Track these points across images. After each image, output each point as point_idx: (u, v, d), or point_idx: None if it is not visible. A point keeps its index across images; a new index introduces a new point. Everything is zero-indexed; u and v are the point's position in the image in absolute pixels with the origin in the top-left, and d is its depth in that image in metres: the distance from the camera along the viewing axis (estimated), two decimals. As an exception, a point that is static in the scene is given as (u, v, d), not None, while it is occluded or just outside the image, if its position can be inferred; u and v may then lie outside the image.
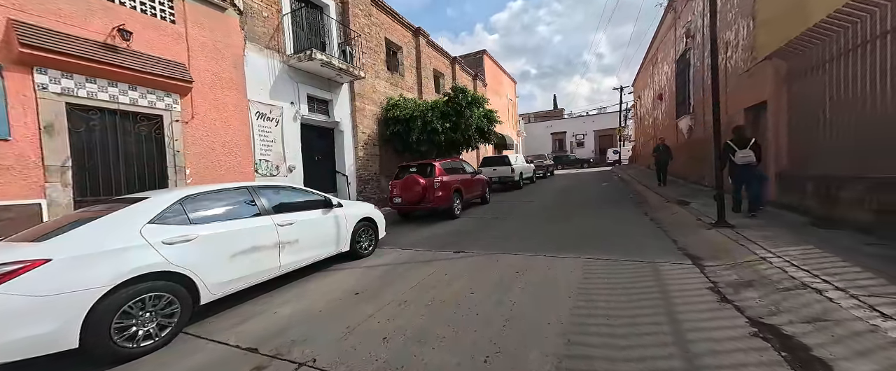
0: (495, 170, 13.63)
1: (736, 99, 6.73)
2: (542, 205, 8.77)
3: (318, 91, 7.90)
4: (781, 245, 3.47)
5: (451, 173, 7.82)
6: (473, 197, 9.03)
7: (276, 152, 6.71)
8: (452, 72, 15.73)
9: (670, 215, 5.86)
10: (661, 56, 14.29)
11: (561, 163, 30.47)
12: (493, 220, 7.15)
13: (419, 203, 7.16)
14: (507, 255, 4.36)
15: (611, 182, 13.93)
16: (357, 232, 4.59)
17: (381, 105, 9.92)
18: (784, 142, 5.25)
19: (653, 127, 16.96)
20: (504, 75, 24.85)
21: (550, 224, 6.19)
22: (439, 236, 5.89)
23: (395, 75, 11.14)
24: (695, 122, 9.75)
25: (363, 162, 9.20)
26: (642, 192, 9.50)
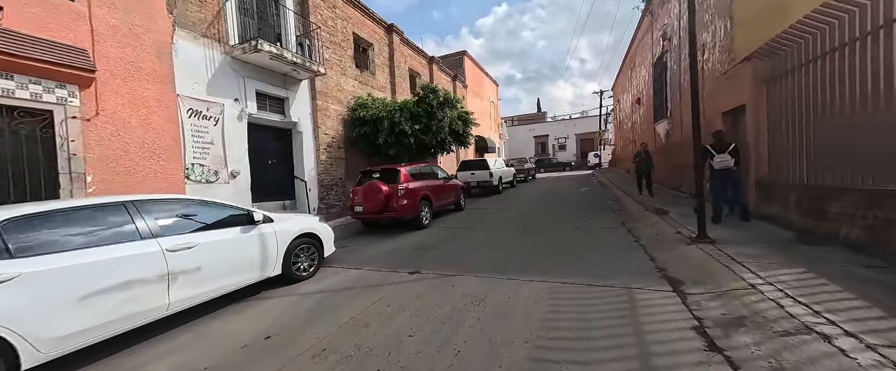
0: (473, 174, 13.12)
1: (713, 102, 6.46)
2: (519, 211, 8.29)
3: (271, 87, 7.10)
4: (769, 267, 3.05)
5: (418, 179, 7.20)
6: (446, 204, 8.44)
7: (214, 155, 5.88)
8: (430, 72, 15.15)
9: (648, 227, 5.46)
10: (638, 60, 14.25)
11: (543, 166, 30.43)
12: (465, 230, 6.58)
13: (381, 212, 6.49)
14: (467, 276, 3.77)
15: (590, 186, 13.70)
16: (292, 251, 3.89)
17: (347, 105, 9.19)
18: (764, 148, 4.95)
19: (632, 131, 16.97)
20: (485, 77, 24.52)
21: (523, 235, 5.68)
22: (400, 251, 5.25)
23: (364, 74, 10.44)
24: (672, 127, 9.57)
25: (326, 166, 8.44)
26: (621, 198, 9.20)
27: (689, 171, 7.62)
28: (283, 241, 3.78)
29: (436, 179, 7.99)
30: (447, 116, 8.79)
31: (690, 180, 8.00)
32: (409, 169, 7.04)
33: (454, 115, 9.80)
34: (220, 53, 6.08)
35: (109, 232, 2.47)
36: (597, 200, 9.40)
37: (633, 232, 5.31)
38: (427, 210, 7.14)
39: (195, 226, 3.01)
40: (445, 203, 8.35)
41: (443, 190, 8.11)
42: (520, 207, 9.08)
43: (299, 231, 3.98)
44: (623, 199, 8.93)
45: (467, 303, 3.05)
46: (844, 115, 3.51)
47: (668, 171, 10.08)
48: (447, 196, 8.37)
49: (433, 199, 7.44)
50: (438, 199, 7.81)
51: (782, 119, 4.53)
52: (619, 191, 10.44)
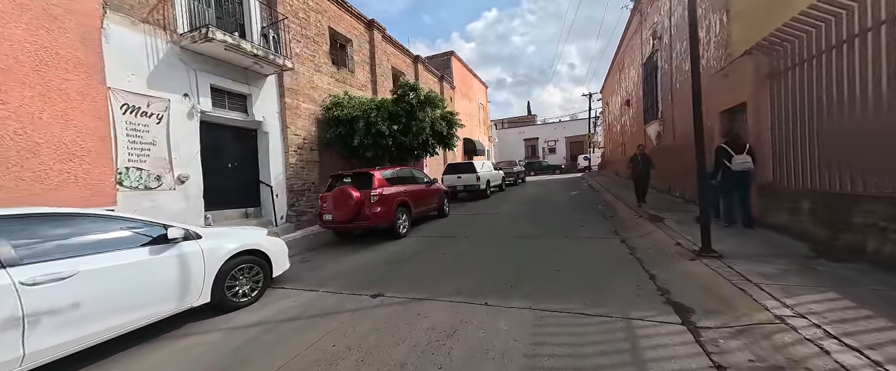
0: (460, 177, 12.57)
1: (710, 101, 6.05)
2: (506, 218, 7.75)
3: (230, 83, 6.39)
4: (794, 291, 2.55)
5: (395, 184, 6.58)
6: (428, 210, 7.84)
7: (156, 158, 5.14)
8: (415, 72, 14.59)
9: (644, 236, 4.97)
10: (627, 61, 14.02)
11: (533, 169, 30.18)
12: (445, 239, 5.98)
13: (352, 221, 5.84)
14: (438, 301, 3.17)
15: (580, 190, 13.31)
16: (228, 274, 3.22)
17: (322, 103, 8.52)
18: (767, 150, 4.53)
19: (621, 133, 16.75)
20: (474, 79, 24.12)
21: (507, 246, 5.12)
22: (368, 266, 4.62)
23: (342, 71, 9.79)
24: (664, 128, 9.22)
25: (296, 169, 7.73)
26: (612, 203, 8.77)
27: (686, 175, 7.23)
28: (214, 262, 3.11)
29: (416, 184, 7.38)
30: (429, 116, 8.20)
31: (684, 184, 7.63)
32: (384, 173, 6.42)
33: (437, 116, 9.23)
34: (165, 42, 5.36)
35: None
36: (587, 205, 8.95)
37: (627, 242, 4.81)
38: (405, 218, 6.52)
39: (77, 248, 2.33)
40: (427, 209, 7.74)
41: (424, 195, 7.51)
42: (507, 213, 8.55)
43: (237, 248, 3.32)
44: (614, 203, 8.49)
45: (431, 341, 2.45)
46: (868, 112, 3.07)
47: (659, 175, 9.71)
48: (429, 202, 7.77)
49: (412, 205, 6.83)
50: (419, 205, 7.20)
51: (789, 117, 4.11)
52: (610, 195, 10.03)
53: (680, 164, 7.53)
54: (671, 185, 8.86)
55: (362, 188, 5.99)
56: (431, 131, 8.96)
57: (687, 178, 7.31)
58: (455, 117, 9.96)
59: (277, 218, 7.10)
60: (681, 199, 7.75)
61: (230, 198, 6.61)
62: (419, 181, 7.64)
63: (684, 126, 7.66)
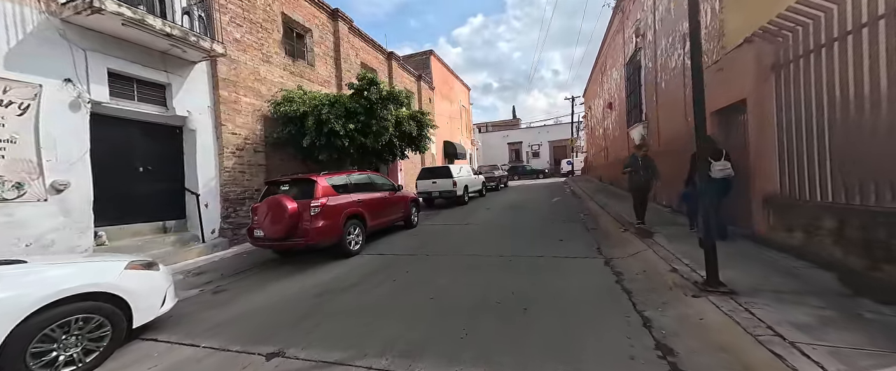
0: (435, 182, 11.66)
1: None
2: (478, 230, 6.87)
3: (139, 68, 5.24)
4: (850, 358, 1.75)
5: (346, 192, 5.58)
6: (391, 221, 6.86)
7: (15, 159, 3.95)
8: (389, 69, 13.63)
9: (632, 257, 4.19)
10: (609, 62, 13.58)
11: (517, 173, 29.72)
12: (404, 258, 5.04)
13: (288, 237, 4.79)
14: (354, 367, 2.22)
15: (563, 196, 12.66)
16: (35, 336, 2.15)
17: (271, 98, 7.41)
18: (773, 154, 3.84)
19: (603, 137, 16.34)
20: (456, 80, 23.38)
21: (473, 270, 4.21)
22: (294, 300, 3.61)
23: (299, 63, 8.71)
24: (648, 132, 8.64)
25: (234, 174, 6.59)
26: (595, 212, 8.06)
27: (673, 183, 6.59)
28: (7, 319, 2.04)
29: (375, 191, 6.39)
30: (392, 115, 7.23)
31: (671, 193, 7.01)
32: (331, 180, 5.40)
33: (404, 115, 8.29)
34: (37, 12, 4.19)
35: None
36: (569, 214, 8.20)
37: (613, 265, 4.00)
38: (358, 232, 5.52)
39: None
40: (389, 220, 6.76)
41: (385, 205, 6.53)
42: (482, 223, 7.68)
43: (55, 295, 2.25)
44: (597, 213, 7.78)
45: None
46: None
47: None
48: (392, 211, 6.79)
49: (369, 217, 5.84)
50: (378, 216, 6.22)
51: (802, 115, 3.42)
52: (593, 202, 9.37)
53: (666, 170, 6.91)
54: (656, 193, 8.25)
55: (302, 198, 4.96)
56: (397, 132, 8.01)
57: (674, 187, 6.67)
58: (426, 117, 9.05)
59: (206, 232, 5.94)
60: (668, 208, 7.11)
61: (141, 209, 5.42)
62: (380, 188, 6.66)
63: (671, 129, 7.04)
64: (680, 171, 5.69)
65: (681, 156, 5.60)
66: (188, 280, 4.55)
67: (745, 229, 4.27)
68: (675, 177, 6.66)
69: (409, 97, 8.04)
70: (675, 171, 6.62)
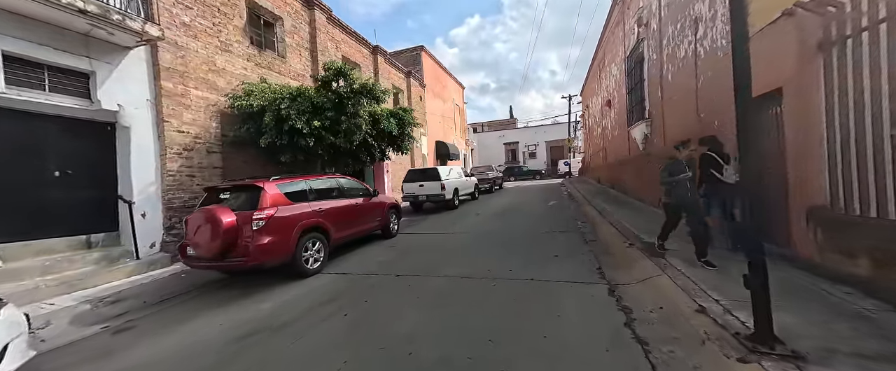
0: (422, 185, 10.85)
1: (723, 92, 4.63)
2: (463, 241, 6.06)
3: (49, 52, 4.37)
4: None
5: (302, 200, 4.73)
6: (364, 231, 6.04)
7: None
8: (374, 64, 12.79)
9: (642, 284, 3.38)
10: (608, 58, 12.83)
11: (513, 174, 28.95)
12: (368, 280, 4.22)
13: (222, 258, 3.94)
14: None
15: (559, 200, 11.88)
16: None
17: (230, 93, 6.55)
18: (819, 156, 3.06)
19: (602, 137, 15.59)
20: (449, 78, 22.57)
21: (445, 300, 3.40)
22: (207, 345, 2.79)
23: (267, 54, 7.85)
24: (652, 130, 7.87)
25: (180, 178, 5.73)
26: (593, 218, 7.27)
27: None
28: None
29: (343, 198, 5.56)
30: (365, 110, 6.37)
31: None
32: (284, 186, 4.55)
33: (383, 112, 7.45)
34: None
35: None
36: (565, 222, 7.40)
37: (619, 295, 3.19)
38: (318, 247, 4.68)
39: None
40: (362, 230, 5.93)
41: (354, 213, 5.70)
42: (468, 232, 6.87)
43: None
44: (596, 220, 6.98)
45: None
46: None
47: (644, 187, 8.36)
48: (363, 221, 5.96)
49: (333, 228, 5.01)
50: (345, 227, 5.39)
51: (863, 106, 2.64)
52: (591, 207, 8.60)
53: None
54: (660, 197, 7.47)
55: (246, 208, 4.11)
56: (375, 131, 7.16)
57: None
58: (409, 115, 8.22)
59: (143, 247, 5.07)
60: None
61: (56, 221, 4.55)
62: (350, 194, 5.83)
63: (679, 127, 6.26)
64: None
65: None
66: (96, 311, 3.70)
67: (779, 248, 3.48)
68: None
69: (389, 93, 7.17)
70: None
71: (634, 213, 7.01)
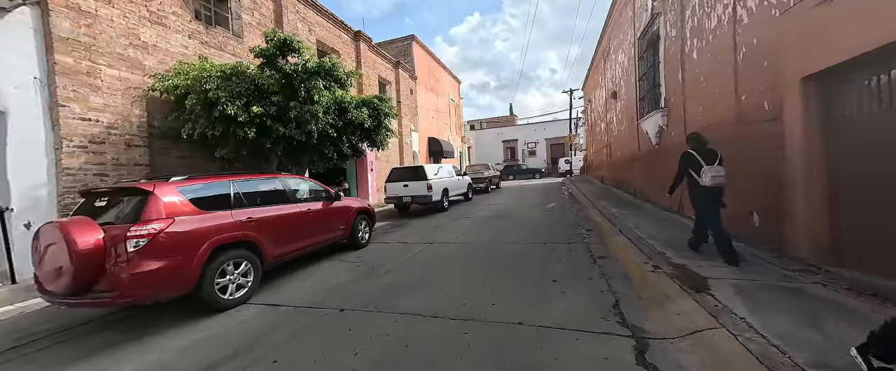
0: (407, 185, 9.72)
1: (779, 60, 3.45)
2: (443, 256, 4.93)
3: None
4: None
5: (221, 206, 3.58)
6: (319, 243, 4.91)
7: None
8: (357, 52, 11.61)
9: (687, 342, 2.23)
10: (614, 44, 11.64)
11: (512, 173, 27.83)
12: (309, 315, 3.12)
13: (87, 289, 2.79)
14: None
15: (559, 201, 10.73)
16: None
17: (162, 74, 5.39)
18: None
19: (605, 133, 14.42)
20: (443, 71, 21.37)
21: (393, 365, 2.25)
22: None
23: (217, 32, 6.70)
24: (670, 121, 6.71)
25: (83, 179, 4.58)
26: (600, 225, 6.12)
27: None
28: None
29: (289, 204, 4.41)
30: (321, 94, 5.19)
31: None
32: (190, 188, 3.39)
33: (354, 100, 6.29)
34: None
35: None
36: (567, 230, 6.25)
37: (654, 358, 2.05)
38: (245, 270, 3.55)
39: None
40: (315, 242, 4.79)
41: (305, 222, 4.56)
42: (451, 243, 5.72)
43: None
44: (603, 227, 5.82)
45: None
46: None
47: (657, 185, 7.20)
48: (318, 231, 4.82)
49: (269, 242, 3.88)
50: (290, 239, 4.26)
51: None
52: (595, 210, 7.46)
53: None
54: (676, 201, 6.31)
55: (127, 221, 2.96)
56: (339, 121, 6.00)
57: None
58: (386, 104, 7.06)
59: (23, 267, 3.92)
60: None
61: None
62: (300, 198, 4.68)
63: (708, 115, 5.11)
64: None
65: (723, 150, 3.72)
66: None
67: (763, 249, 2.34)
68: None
69: (355, 75, 6.01)
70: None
71: (649, 218, 5.86)
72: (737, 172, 4.23)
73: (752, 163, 3.92)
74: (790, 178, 3.25)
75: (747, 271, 3.11)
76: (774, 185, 3.50)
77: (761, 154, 3.75)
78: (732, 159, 4.28)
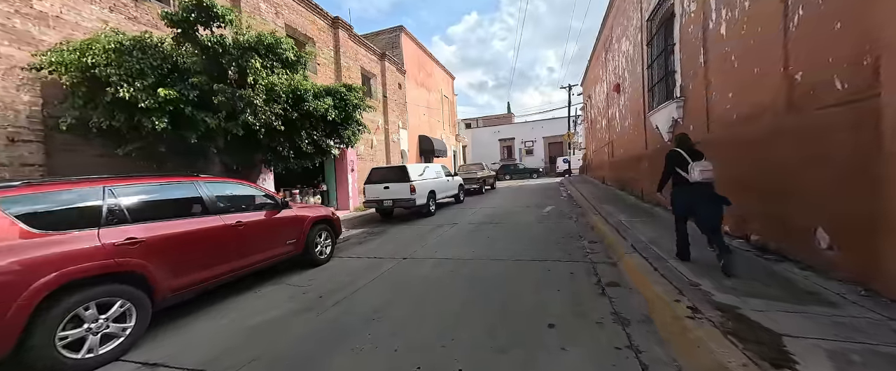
0: (387, 188, 8.72)
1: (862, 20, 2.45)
2: (414, 277, 3.90)
3: None
4: None
5: (85, 224, 2.54)
6: (261, 262, 3.90)
7: None
8: (335, 40, 10.55)
9: None
10: (617, 32, 10.64)
11: (509, 173, 26.86)
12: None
13: None
14: None
15: (557, 204, 9.74)
16: None
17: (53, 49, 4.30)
18: None
19: (607, 130, 13.43)
20: (435, 65, 20.32)
21: None
22: None
23: (148, 6, 5.61)
24: (687, 112, 5.71)
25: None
26: (606, 237, 5.09)
27: (748, 198, 3.74)
28: None
29: (205, 216, 3.39)
30: (259, 76, 4.10)
31: (748, 214, 4.09)
32: (13, 198, 2.35)
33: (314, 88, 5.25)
34: None
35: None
36: (566, 242, 5.24)
37: None
38: (113, 313, 2.53)
39: None
40: (248, 264, 3.77)
41: (230, 239, 3.54)
42: (426, 260, 4.70)
43: None
44: (611, 240, 4.79)
45: None
46: None
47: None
48: (252, 249, 3.80)
49: (167, 275, 2.90)
50: (204, 266, 3.25)
51: None
52: (598, 216, 6.45)
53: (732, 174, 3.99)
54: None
55: None
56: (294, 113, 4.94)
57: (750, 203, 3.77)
58: (356, 94, 6.02)
59: None
60: (746, 243, 4.15)
61: None
62: (221, 208, 3.65)
63: (738, 102, 4.11)
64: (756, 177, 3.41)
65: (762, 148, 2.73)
66: None
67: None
68: (750, 187, 3.76)
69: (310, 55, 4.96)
70: (755, 177, 3.71)
71: (665, 229, 4.86)
72: (789, 172, 3.23)
73: (815, 160, 2.92)
74: (893, 181, 2.25)
75: (837, 322, 2.10)
76: (859, 192, 2.50)
77: (832, 148, 2.75)
78: (779, 159, 3.30)
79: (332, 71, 10.37)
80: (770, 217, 3.60)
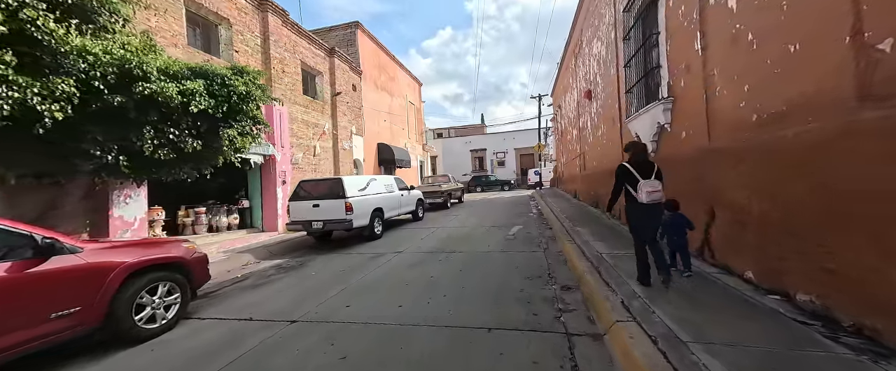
0: (317, 206, 6.93)
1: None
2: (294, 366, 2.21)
3: None
4: None
5: None
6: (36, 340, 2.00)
7: None
8: (263, 25, 8.75)
9: None
10: (588, 35, 9.79)
11: (480, 184, 25.74)
12: None
13: None
14: None
15: (524, 225, 8.41)
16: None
17: None
18: None
19: (578, 141, 12.54)
20: (399, 69, 18.88)
21: None
22: None
23: None
24: (678, 115, 4.55)
25: None
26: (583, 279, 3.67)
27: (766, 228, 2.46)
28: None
29: None
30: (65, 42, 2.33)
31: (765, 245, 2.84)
32: None
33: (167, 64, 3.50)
34: None
35: None
36: (530, 292, 3.75)
37: None
38: None
39: None
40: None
41: None
42: (327, 324, 3.00)
43: None
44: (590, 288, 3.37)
45: None
46: None
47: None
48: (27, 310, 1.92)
49: None
50: None
51: None
52: (572, 245, 5.11)
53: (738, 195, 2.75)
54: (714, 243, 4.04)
55: None
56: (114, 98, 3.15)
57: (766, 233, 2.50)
58: (249, 78, 4.32)
59: None
60: (745, 282, 2.89)
61: None
62: None
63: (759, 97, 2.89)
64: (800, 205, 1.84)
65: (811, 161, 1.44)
66: None
67: None
68: (768, 213, 2.49)
69: (133, 3, 3.20)
70: (769, 199, 2.45)
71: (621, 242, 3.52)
72: (871, 198, 1.97)
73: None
74: None
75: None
76: None
77: None
78: (847, 176, 2.04)
79: (259, 61, 8.53)
80: (837, 272, 2.33)
